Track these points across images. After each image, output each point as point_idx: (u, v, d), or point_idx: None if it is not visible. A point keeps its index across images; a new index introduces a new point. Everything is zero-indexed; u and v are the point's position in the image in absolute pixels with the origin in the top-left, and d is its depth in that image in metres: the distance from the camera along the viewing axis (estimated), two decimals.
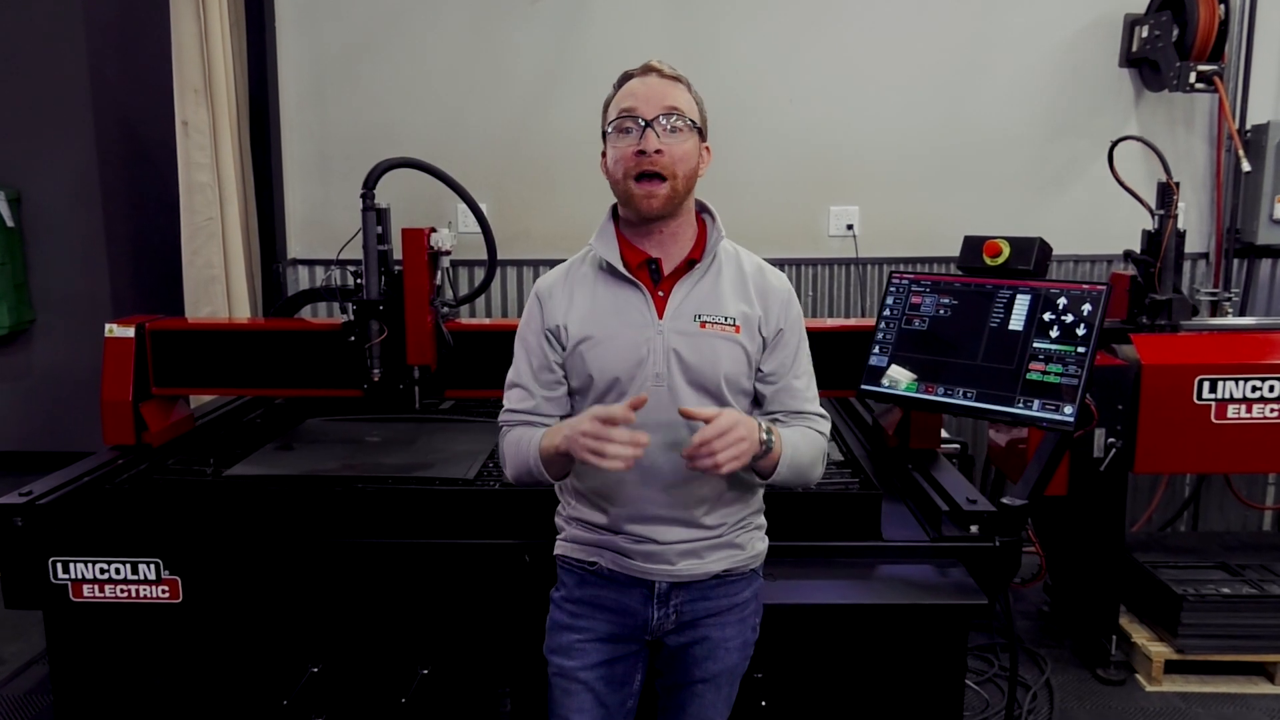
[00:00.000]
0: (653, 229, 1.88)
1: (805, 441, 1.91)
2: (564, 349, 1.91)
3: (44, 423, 5.56)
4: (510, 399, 1.99)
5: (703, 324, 1.87)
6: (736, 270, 1.94)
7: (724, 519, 1.92)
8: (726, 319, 1.88)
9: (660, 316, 1.87)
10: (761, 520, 2.03)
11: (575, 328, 1.89)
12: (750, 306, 1.90)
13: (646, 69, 1.86)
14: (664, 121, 1.81)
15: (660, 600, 1.91)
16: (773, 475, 1.85)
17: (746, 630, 2.00)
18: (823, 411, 2.00)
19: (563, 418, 1.97)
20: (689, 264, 1.90)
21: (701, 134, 1.88)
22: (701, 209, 1.97)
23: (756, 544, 2.00)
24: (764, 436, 1.78)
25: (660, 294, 1.89)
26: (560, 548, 2.01)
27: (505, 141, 4.30)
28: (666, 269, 1.90)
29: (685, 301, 1.88)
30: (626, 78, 1.87)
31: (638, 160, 1.80)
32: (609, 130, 1.86)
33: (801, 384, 1.97)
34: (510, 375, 2.00)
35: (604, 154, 1.89)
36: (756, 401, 1.97)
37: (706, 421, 1.70)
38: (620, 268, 1.88)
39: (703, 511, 1.89)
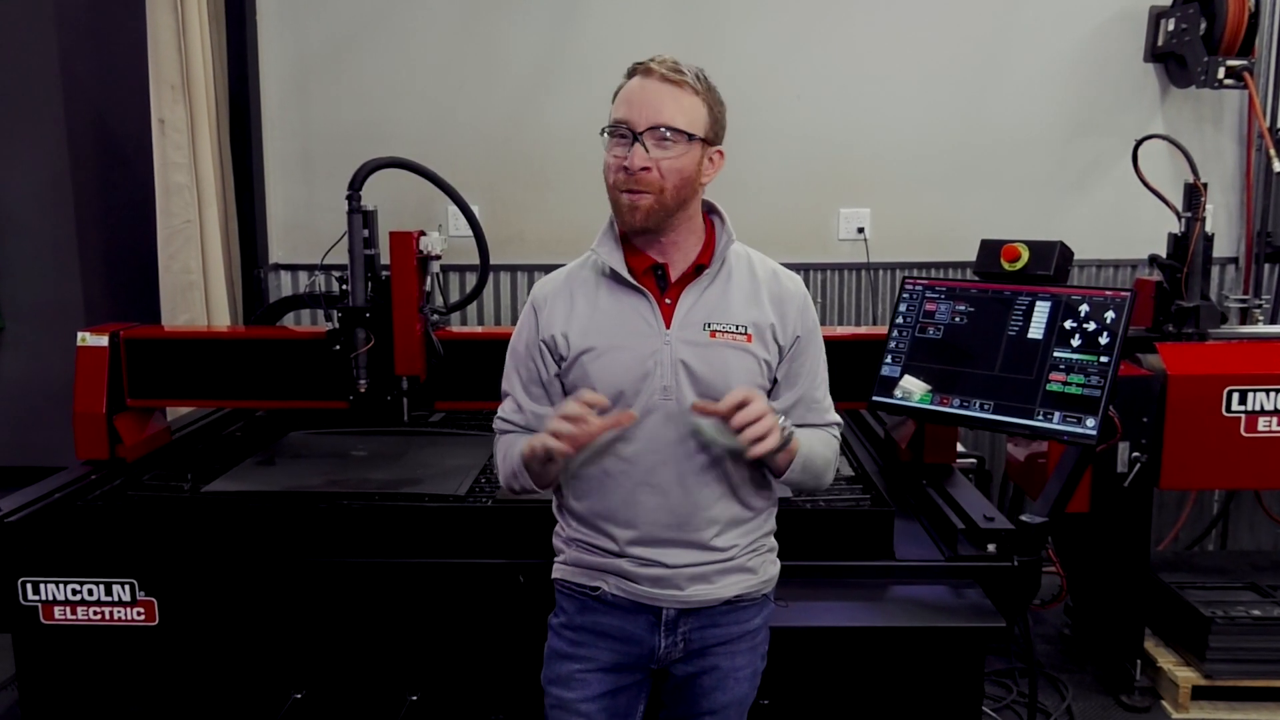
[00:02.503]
0: (652, 235, 1.87)
1: (819, 442, 1.95)
2: (563, 359, 1.91)
3: (13, 436, 5.55)
4: (503, 408, 2.01)
5: (713, 333, 1.87)
6: (748, 275, 1.94)
7: (735, 540, 1.92)
8: (738, 327, 1.88)
9: (667, 325, 1.87)
10: (773, 543, 2.03)
11: (576, 338, 1.89)
12: (762, 313, 1.90)
13: (648, 70, 1.82)
14: (654, 133, 1.79)
15: (668, 627, 1.91)
16: (786, 473, 1.88)
17: (756, 659, 2.01)
18: (839, 419, 2.04)
19: None
20: (697, 269, 1.90)
21: (707, 140, 1.86)
22: (710, 210, 1.97)
23: (769, 568, 2.00)
24: (782, 423, 1.82)
25: (667, 301, 1.89)
26: (559, 571, 2.00)
27: (498, 140, 4.31)
28: (673, 275, 1.90)
29: (694, 309, 1.88)
30: (633, 72, 1.85)
31: (623, 176, 1.80)
32: (606, 134, 1.85)
33: (821, 394, 2.00)
34: (503, 383, 2.02)
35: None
36: None
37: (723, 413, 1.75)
38: (624, 274, 1.88)
39: (713, 533, 1.89)
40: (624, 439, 1.86)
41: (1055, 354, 2.54)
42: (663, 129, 1.79)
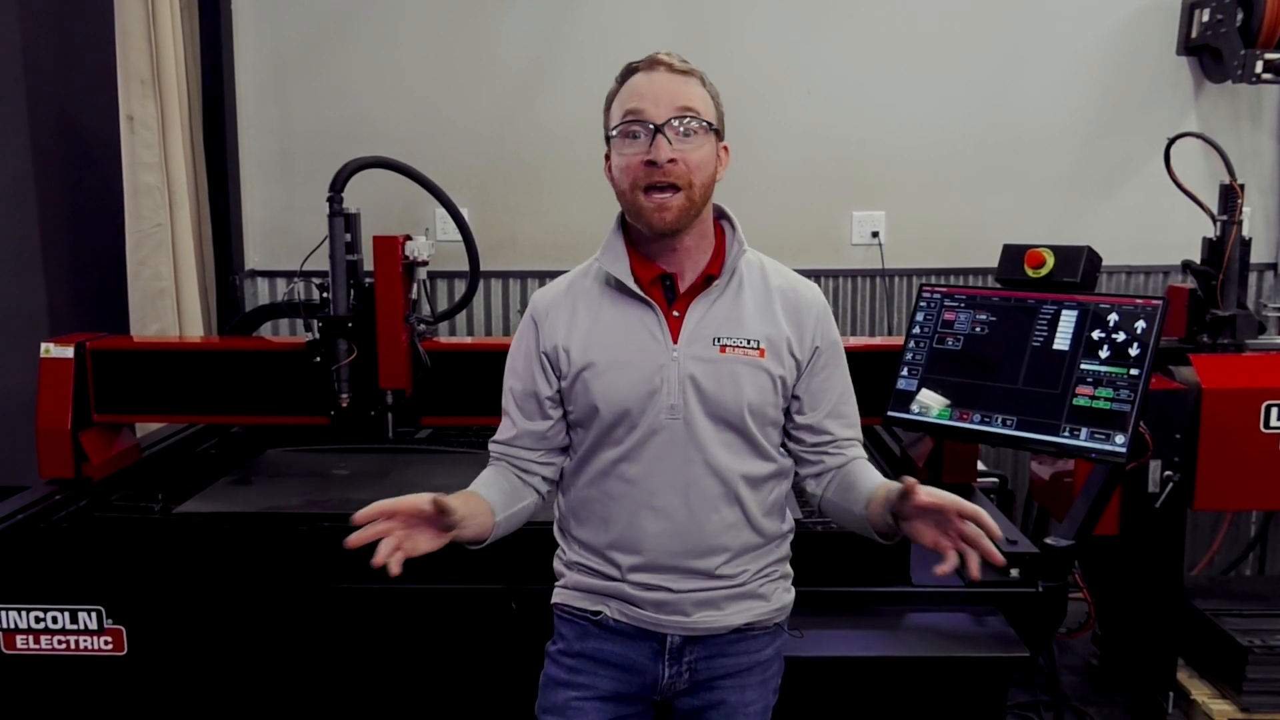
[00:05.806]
0: (667, 242, 1.88)
1: None
2: (563, 375, 1.92)
3: None
4: (500, 427, 2.03)
5: (723, 348, 1.87)
6: (761, 285, 1.95)
7: (745, 566, 1.92)
8: (749, 341, 1.89)
9: (675, 340, 1.87)
10: (788, 569, 2.04)
11: (578, 352, 1.90)
12: (776, 327, 1.91)
13: (654, 63, 1.84)
14: (676, 124, 1.80)
15: (672, 656, 1.92)
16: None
17: (768, 693, 2.01)
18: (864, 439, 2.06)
19: (564, 450, 1.99)
20: (706, 280, 1.91)
21: (719, 134, 1.89)
22: (720, 215, 1.98)
23: (782, 595, 2.01)
24: None
25: (675, 314, 1.90)
26: (559, 596, 2.01)
27: (488, 139, 4.32)
28: (682, 286, 1.91)
29: (703, 322, 1.89)
30: (631, 72, 1.86)
31: (648, 171, 1.79)
32: (613, 134, 1.86)
33: (850, 408, 2.02)
34: (502, 401, 2.03)
35: (607, 157, 1.90)
36: (789, 433, 1.99)
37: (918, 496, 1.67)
38: (630, 284, 1.88)
39: (720, 561, 1.90)
40: (628, 459, 1.88)
41: (1082, 366, 2.55)
42: (686, 117, 1.81)
